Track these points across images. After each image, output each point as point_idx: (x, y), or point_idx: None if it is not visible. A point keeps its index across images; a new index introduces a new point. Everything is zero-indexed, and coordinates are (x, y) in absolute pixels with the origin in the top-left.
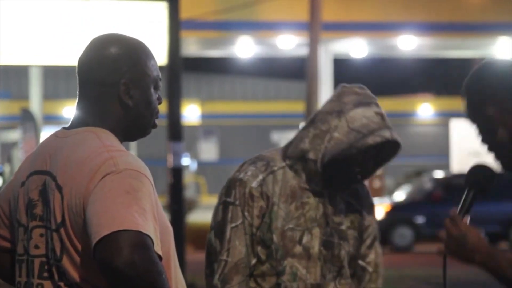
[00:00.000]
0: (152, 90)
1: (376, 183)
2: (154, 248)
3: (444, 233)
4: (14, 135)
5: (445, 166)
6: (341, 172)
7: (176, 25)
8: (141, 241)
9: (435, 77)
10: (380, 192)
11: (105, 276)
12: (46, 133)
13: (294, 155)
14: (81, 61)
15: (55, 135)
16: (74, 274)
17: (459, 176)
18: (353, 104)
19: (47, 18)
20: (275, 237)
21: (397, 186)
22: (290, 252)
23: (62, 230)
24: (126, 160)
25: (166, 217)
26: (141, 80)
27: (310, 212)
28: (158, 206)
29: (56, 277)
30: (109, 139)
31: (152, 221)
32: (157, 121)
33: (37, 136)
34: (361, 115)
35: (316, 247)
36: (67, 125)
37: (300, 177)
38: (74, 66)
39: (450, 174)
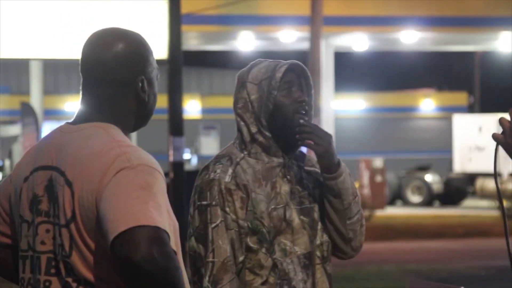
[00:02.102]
0: (156, 82)
1: (378, 178)
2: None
3: (506, 120)
4: (14, 129)
5: (448, 161)
6: (286, 127)
7: (176, 20)
8: (158, 236)
9: (437, 71)
10: (382, 187)
11: (123, 271)
12: (47, 127)
13: (247, 141)
14: (88, 58)
15: (59, 130)
16: (83, 270)
17: None
18: (246, 70)
19: (48, 15)
20: (264, 221)
21: (399, 180)
22: (279, 230)
23: (72, 226)
24: (138, 155)
25: (173, 213)
26: (151, 74)
27: (282, 188)
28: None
29: (63, 273)
30: (119, 134)
31: (166, 216)
32: (157, 116)
33: (37, 130)
34: (257, 70)
35: (296, 218)
36: (70, 120)
37: (262, 159)
38: (75, 61)
39: None
